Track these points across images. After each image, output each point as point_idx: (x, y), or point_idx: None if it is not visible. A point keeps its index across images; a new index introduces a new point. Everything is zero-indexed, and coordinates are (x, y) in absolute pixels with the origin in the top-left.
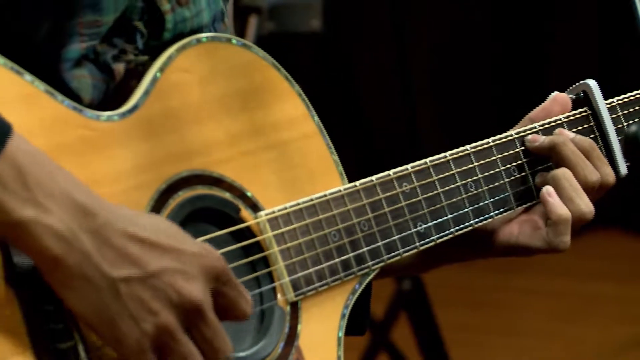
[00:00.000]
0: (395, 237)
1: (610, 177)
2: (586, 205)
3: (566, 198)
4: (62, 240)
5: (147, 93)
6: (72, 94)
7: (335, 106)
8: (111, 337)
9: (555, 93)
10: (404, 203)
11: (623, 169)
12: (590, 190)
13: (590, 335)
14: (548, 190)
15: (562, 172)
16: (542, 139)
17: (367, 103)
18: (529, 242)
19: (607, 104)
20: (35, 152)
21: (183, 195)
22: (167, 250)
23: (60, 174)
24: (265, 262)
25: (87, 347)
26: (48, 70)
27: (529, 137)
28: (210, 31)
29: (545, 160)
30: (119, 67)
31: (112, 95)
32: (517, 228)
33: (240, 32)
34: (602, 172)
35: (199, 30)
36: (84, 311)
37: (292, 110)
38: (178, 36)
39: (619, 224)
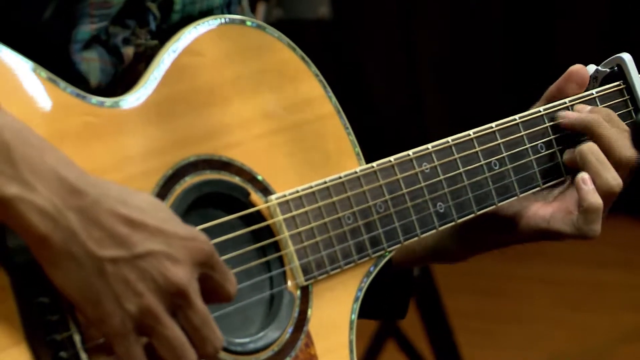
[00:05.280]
0: (413, 217)
1: None
2: (614, 179)
3: (593, 172)
4: (48, 217)
5: (155, 77)
6: (80, 77)
7: (343, 93)
8: (95, 316)
9: (573, 67)
10: (423, 183)
11: None
12: (624, 166)
13: (598, 323)
14: (583, 177)
15: (589, 147)
16: (574, 115)
17: (374, 89)
18: (560, 227)
19: None
20: (22, 128)
21: (190, 180)
22: (155, 232)
23: (49, 152)
24: (276, 246)
25: (84, 337)
26: (58, 51)
27: (561, 113)
28: (222, 13)
29: (574, 136)
30: (128, 51)
31: (120, 79)
32: (549, 213)
33: None
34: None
35: (209, 12)
36: (70, 289)
37: (308, 91)
38: (187, 18)
39: (628, 212)
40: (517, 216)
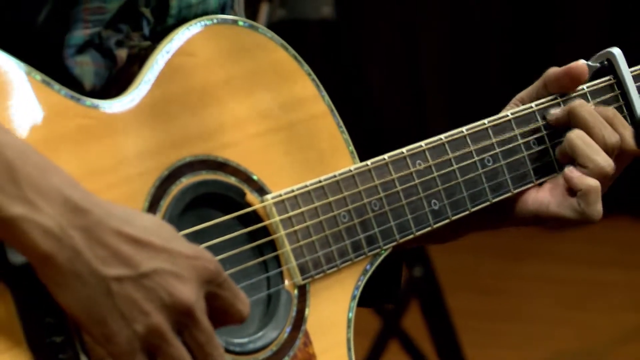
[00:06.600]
0: (409, 216)
1: (633, 141)
2: (604, 160)
3: (583, 157)
4: (52, 237)
5: (149, 79)
6: (74, 81)
7: (345, 93)
8: (101, 336)
9: (573, 64)
10: (417, 181)
11: None
12: (610, 153)
13: (599, 322)
14: (568, 167)
15: (575, 133)
16: (557, 109)
17: (377, 89)
18: (560, 212)
19: (632, 71)
20: (25, 147)
21: (186, 181)
22: (160, 251)
23: (52, 171)
24: (273, 246)
25: (89, 357)
26: (51, 56)
27: (550, 110)
28: None
29: (566, 131)
30: (122, 53)
31: (114, 81)
32: (547, 197)
33: (252, 19)
34: (622, 135)
35: (204, 16)
36: (75, 309)
37: (301, 91)
38: (182, 22)
39: (628, 211)
40: (511, 200)
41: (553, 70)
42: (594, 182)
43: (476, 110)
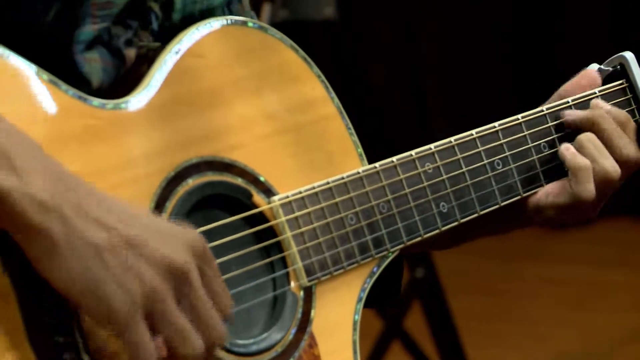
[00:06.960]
0: (416, 218)
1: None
2: (611, 165)
3: (590, 159)
4: (46, 209)
5: (158, 79)
6: (82, 78)
7: (348, 94)
8: (99, 308)
9: (586, 69)
10: (425, 183)
11: None
12: (623, 164)
13: (602, 323)
14: (565, 145)
15: (586, 136)
16: (578, 112)
17: (379, 90)
18: (555, 200)
19: None
20: (15, 132)
21: (192, 182)
22: (147, 224)
23: (42, 153)
24: (279, 247)
25: (85, 337)
26: (60, 52)
27: (566, 112)
28: (223, 12)
29: (577, 134)
30: (131, 53)
31: (122, 80)
32: (546, 192)
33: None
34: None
35: (210, 11)
36: (67, 282)
37: (310, 92)
38: (187, 17)
39: (630, 212)
40: (518, 204)
41: (567, 83)
42: (583, 161)
43: (477, 110)
